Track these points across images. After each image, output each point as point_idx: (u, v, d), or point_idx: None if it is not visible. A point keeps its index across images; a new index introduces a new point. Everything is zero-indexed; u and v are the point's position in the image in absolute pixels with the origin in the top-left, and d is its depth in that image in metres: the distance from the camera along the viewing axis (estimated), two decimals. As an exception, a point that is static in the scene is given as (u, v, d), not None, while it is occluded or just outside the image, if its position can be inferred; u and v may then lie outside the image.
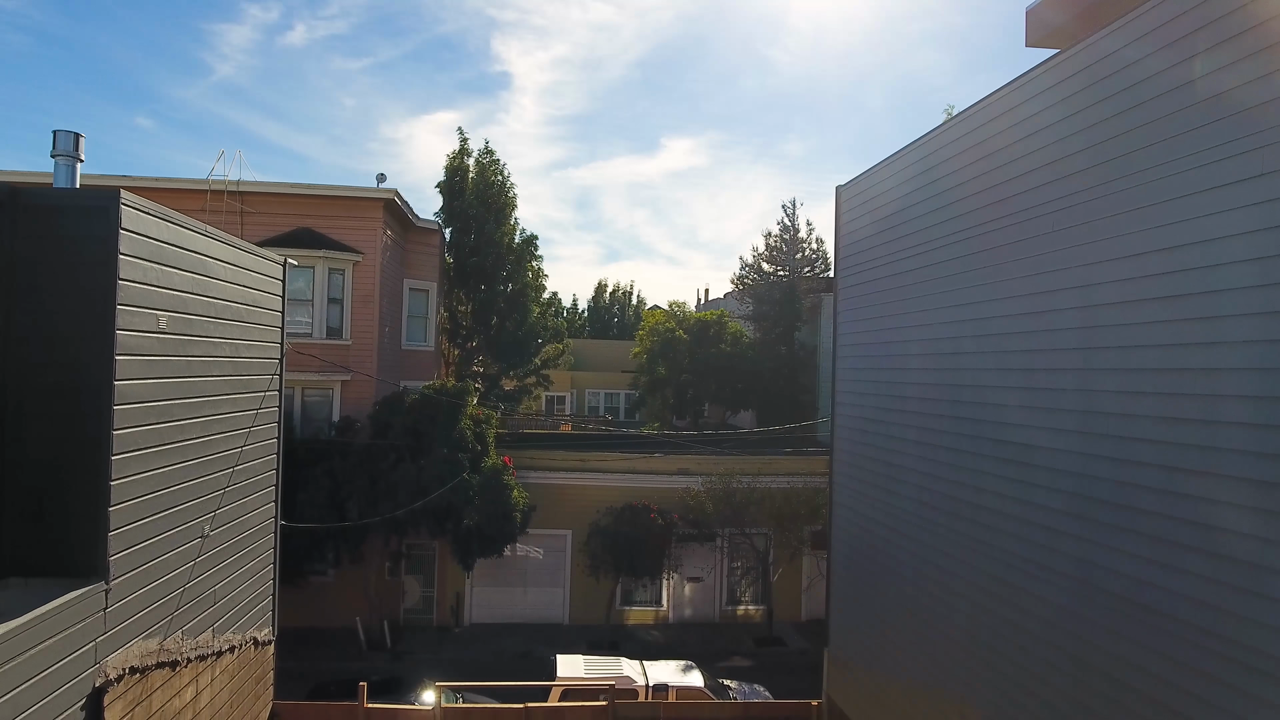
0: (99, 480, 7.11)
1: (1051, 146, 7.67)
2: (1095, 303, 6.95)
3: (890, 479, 10.88)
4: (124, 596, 7.43)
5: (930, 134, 10.18)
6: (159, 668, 8.15)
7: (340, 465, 19.67)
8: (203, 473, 9.06)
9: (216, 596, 9.56)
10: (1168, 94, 6.24)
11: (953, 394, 9.34)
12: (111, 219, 7.15)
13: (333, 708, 11.91)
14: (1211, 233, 5.75)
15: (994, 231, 8.58)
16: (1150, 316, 6.33)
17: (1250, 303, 5.41)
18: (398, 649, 20.65)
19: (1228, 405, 5.63)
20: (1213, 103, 5.82)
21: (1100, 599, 6.65)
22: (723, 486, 22.00)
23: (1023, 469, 7.88)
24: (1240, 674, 5.36)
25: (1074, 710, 6.90)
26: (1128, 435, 6.46)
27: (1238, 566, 5.41)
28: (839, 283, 13.18)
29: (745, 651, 21.40)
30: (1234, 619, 5.41)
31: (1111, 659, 6.48)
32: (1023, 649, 7.60)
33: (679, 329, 33.73)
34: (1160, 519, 6.09)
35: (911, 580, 9.94)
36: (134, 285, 7.42)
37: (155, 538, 8.01)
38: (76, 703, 6.74)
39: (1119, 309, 6.69)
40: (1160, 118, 6.30)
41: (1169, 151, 6.19)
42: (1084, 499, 6.92)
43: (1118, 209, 6.75)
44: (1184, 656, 5.81)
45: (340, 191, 22.37)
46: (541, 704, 12.35)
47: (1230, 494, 5.52)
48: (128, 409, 7.36)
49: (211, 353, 9.18)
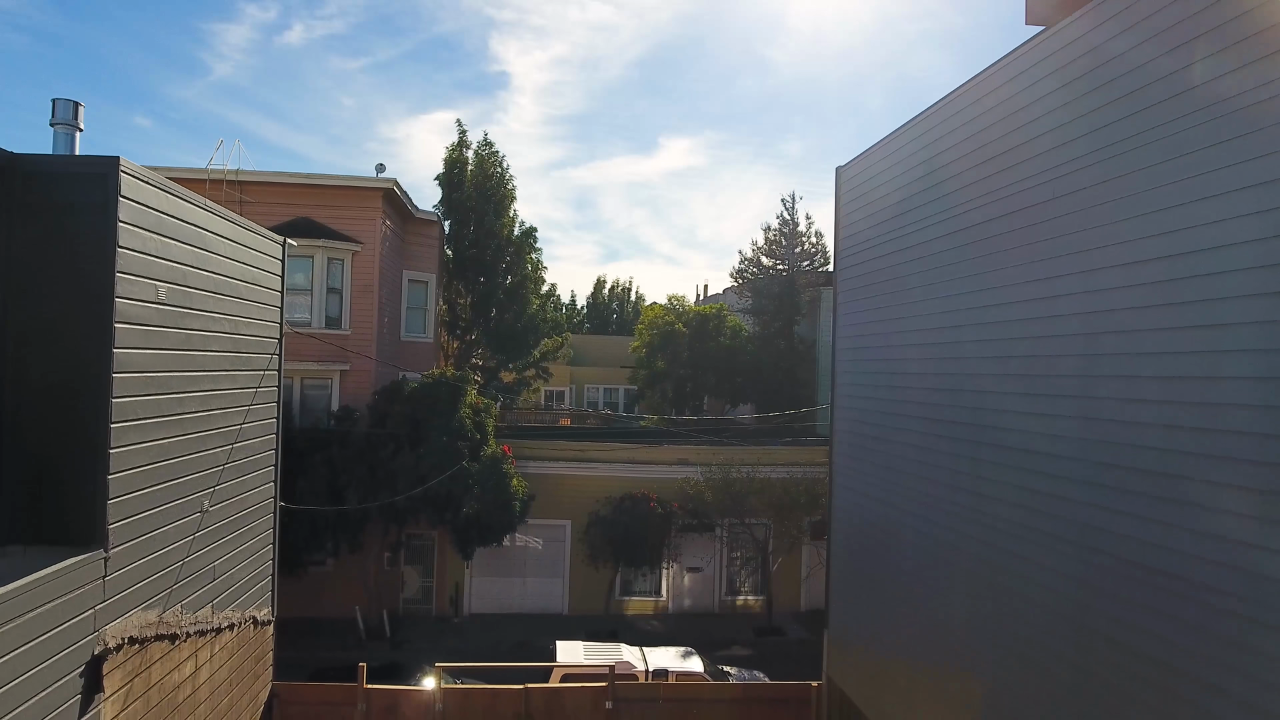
0: (98, 448, 7.09)
1: (1051, 115, 7.66)
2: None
3: (890, 455, 10.87)
4: (123, 566, 7.41)
5: (930, 109, 10.17)
6: (158, 640, 8.13)
7: (339, 454, 19.64)
8: (202, 447, 9.04)
9: (216, 573, 9.54)
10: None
11: (953, 366, 9.33)
12: (110, 186, 7.13)
13: (332, 688, 11.89)
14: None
15: (994, 203, 8.57)
16: (1150, 276, 6.32)
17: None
18: (397, 638, 20.62)
19: (1228, 360, 5.61)
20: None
21: (1102, 563, 6.64)
22: (722, 476, 21.98)
23: (1023, 437, 7.87)
24: (1245, 629, 5.35)
25: (1077, 677, 6.88)
26: (1129, 397, 6.45)
27: (1240, 520, 5.40)
28: (839, 263, 13.17)
29: (745, 641, 21.38)
30: (1239, 574, 5.39)
31: (1114, 623, 6.47)
32: (1024, 618, 7.58)
33: (678, 322, 33.70)
34: (1162, 478, 6.08)
35: (911, 555, 9.93)
36: (133, 254, 7.40)
37: (154, 509, 7.99)
38: (75, 669, 6.72)
39: (1120, 293, 6.68)
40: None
41: (1173, 109, 6.18)
42: (1086, 463, 6.91)
43: (1122, 170, 6.74)
44: (1188, 615, 5.79)
45: (339, 181, 22.35)
46: (541, 684, 12.33)
47: (1231, 448, 5.51)
48: (126, 378, 7.34)
49: (211, 328, 9.16)
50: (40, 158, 7.27)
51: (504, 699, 11.88)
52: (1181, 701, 5.80)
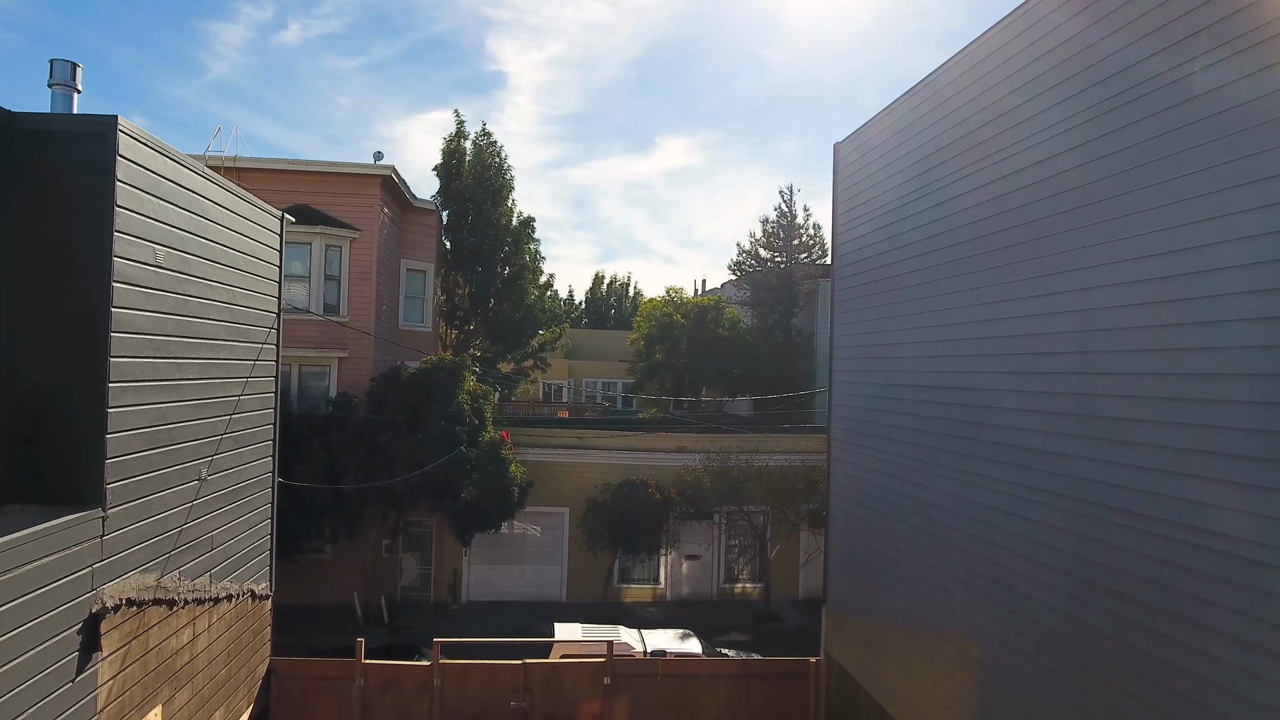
0: (97, 407, 7.09)
1: (1052, 72, 7.66)
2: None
3: (889, 426, 10.88)
4: (121, 527, 7.41)
5: (926, 79, 10.17)
6: (156, 604, 8.13)
7: (338, 439, 19.62)
8: (200, 415, 9.04)
9: (214, 542, 9.54)
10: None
11: (953, 333, 9.34)
12: (109, 144, 7.13)
13: (330, 663, 11.89)
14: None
15: (995, 180, 8.58)
16: (1146, 248, 6.34)
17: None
18: (395, 624, 20.61)
19: (1226, 329, 5.62)
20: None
21: (1100, 515, 6.64)
22: (720, 463, 21.99)
23: (1021, 397, 7.88)
24: (1245, 571, 5.36)
25: (1076, 632, 6.89)
26: (1126, 348, 6.46)
27: (1241, 463, 5.41)
28: (837, 241, 13.17)
29: (743, 627, 21.38)
30: (1239, 517, 5.40)
31: (1113, 573, 6.48)
32: (1022, 576, 7.59)
33: (676, 314, 33.70)
34: (1161, 426, 6.09)
35: (910, 520, 9.94)
36: (131, 214, 7.39)
37: (152, 472, 7.99)
38: (73, 626, 6.72)
39: (1117, 244, 6.69)
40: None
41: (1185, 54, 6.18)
42: (1084, 418, 6.92)
43: (1122, 122, 6.75)
44: (1187, 560, 5.80)
45: (337, 168, 22.34)
46: (540, 660, 12.33)
47: (1231, 392, 5.52)
48: (124, 338, 7.33)
49: (209, 296, 9.15)
50: (39, 116, 7.27)
51: (503, 674, 11.88)
52: (1179, 647, 5.81)
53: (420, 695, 11.78)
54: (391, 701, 11.76)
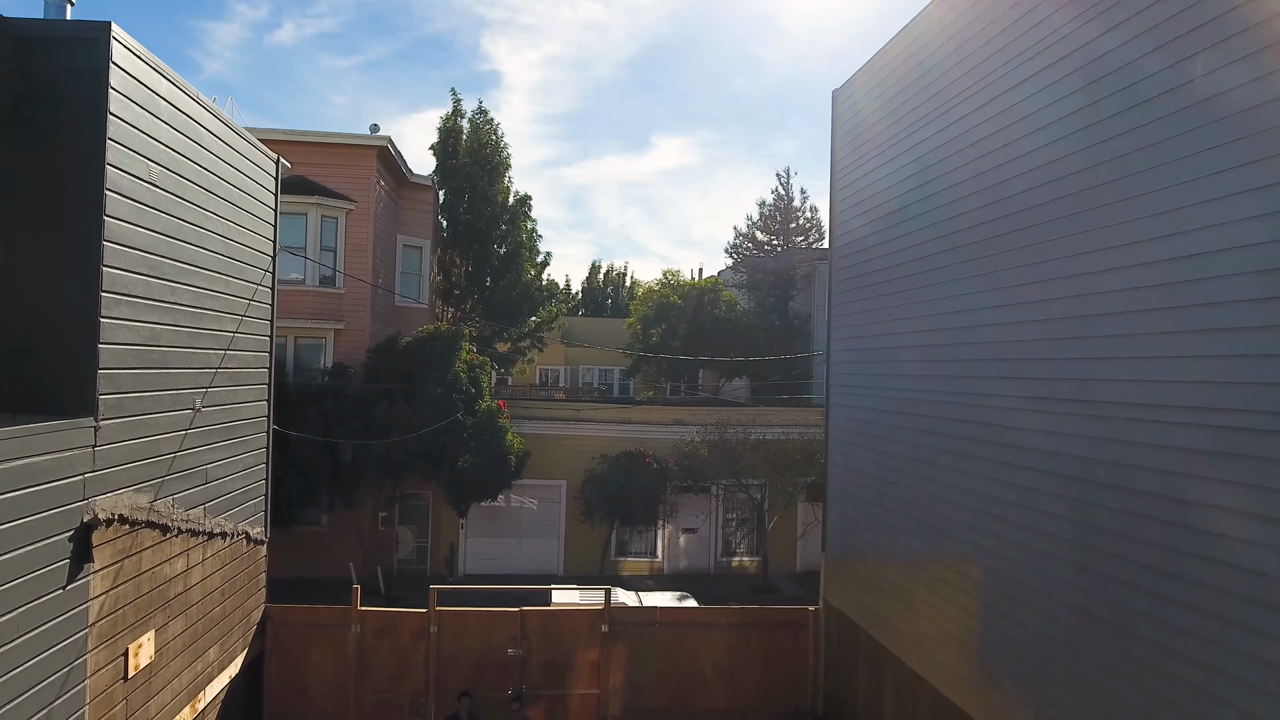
0: (89, 315, 7.02)
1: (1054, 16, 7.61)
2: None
3: (890, 363, 10.82)
4: (113, 440, 7.33)
5: (919, 14, 10.12)
6: (149, 527, 8.05)
7: (334, 409, 19.52)
8: (194, 344, 8.95)
9: (208, 475, 9.45)
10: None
11: (950, 287, 9.28)
12: (103, 52, 7.06)
13: (325, 610, 11.80)
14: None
15: (998, 110, 8.53)
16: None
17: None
18: (391, 595, 20.50)
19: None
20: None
21: (1100, 427, 6.58)
22: (719, 435, 21.92)
23: (1019, 328, 7.82)
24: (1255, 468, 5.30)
25: (1080, 535, 6.83)
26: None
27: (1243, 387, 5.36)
28: (835, 190, 13.10)
29: (741, 599, 21.26)
30: (1243, 435, 5.35)
31: (1115, 469, 6.42)
32: (1025, 488, 7.53)
33: (674, 295, 33.62)
34: (1155, 337, 6.04)
35: (910, 446, 9.86)
36: (124, 124, 7.32)
37: (145, 392, 7.92)
38: (64, 532, 6.64)
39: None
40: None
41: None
42: (1082, 340, 6.87)
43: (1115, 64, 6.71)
44: (1193, 468, 5.73)
45: (333, 138, 22.24)
46: (537, 608, 12.25)
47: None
48: (117, 249, 7.26)
49: (203, 225, 9.07)
50: (32, 21, 7.21)
51: (500, 621, 11.81)
52: (1187, 557, 5.73)
53: (417, 642, 11.70)
54: (388, 648, 11.68)
